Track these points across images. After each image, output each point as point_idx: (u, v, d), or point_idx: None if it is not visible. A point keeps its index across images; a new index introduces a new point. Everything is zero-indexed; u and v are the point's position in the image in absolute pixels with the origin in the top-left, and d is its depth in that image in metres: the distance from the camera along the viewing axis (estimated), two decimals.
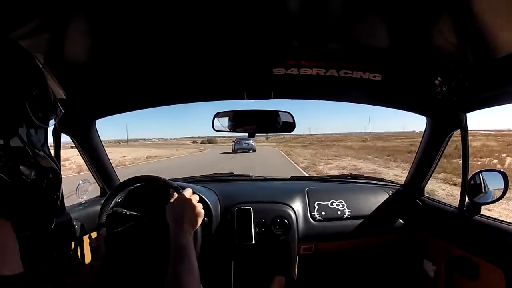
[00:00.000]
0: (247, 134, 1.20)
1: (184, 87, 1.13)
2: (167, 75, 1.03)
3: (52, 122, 0.45)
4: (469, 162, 1.14)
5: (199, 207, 0.80)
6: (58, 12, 0.61)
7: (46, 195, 0.42)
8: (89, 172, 1.43)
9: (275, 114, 1.15)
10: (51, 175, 0.43)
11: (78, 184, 1.34)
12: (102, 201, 1.14)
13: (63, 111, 0.47)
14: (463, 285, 1.08)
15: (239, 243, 1.25)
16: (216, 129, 1.17)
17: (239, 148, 23.33)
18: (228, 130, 1.16)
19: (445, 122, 1.17)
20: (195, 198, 0.83)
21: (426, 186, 1.40)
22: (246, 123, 1.17)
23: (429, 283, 1.25)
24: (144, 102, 1.26)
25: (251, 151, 23.17)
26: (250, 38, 0.80)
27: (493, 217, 1.07)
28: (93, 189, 1.40)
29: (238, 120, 1.16)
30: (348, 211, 1.34)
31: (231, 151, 24.91)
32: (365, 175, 1.73)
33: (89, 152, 1.33)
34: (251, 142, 23.45)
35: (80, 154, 1.34)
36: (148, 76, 1.04)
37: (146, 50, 0.86)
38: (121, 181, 1.34)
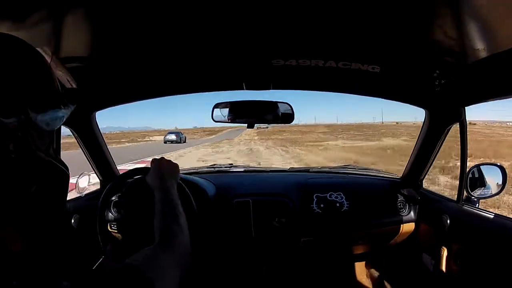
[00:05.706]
0: (246, 124, 1.20)
1: (183, 78, 1.14)
2: (166, 67, 1.03)
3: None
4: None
5: (171, 162, 0.88)
6: (57, 5, 0.61)
7: (53, 200, 0.40)
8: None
9: (274, 105, 1.16)
10: (59, 179, 0.40)
11: (78, 177, 1.34)
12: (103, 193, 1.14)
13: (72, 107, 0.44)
14: (462, 279, 1.08)
15: (238, 235, 1.25)
16: (215, 119, 1.17)
17: (168, 140, 26.41)
18: (227, 121, 1.16)
19: (444, 115, 1.17)
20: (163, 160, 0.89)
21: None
22: (245, 114, 1.18)
23: (428, 276, 1.25)
24: (143, 94, 1.27)
25: (182, 141, 26.91)
26: (249, 29, 0.80)
27: (491, 211, 1.07)
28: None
29: (237, 111, 1.17)
30: (347, 204, 1.34)
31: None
32: (364, 167, 1.73)
33: (89, 144, 1.33)
34: (173, 135, 27.37)
35: (80, 146, 1.34)
36: (147, 68, 1.04)
37: (145, 42, 0.86)
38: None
